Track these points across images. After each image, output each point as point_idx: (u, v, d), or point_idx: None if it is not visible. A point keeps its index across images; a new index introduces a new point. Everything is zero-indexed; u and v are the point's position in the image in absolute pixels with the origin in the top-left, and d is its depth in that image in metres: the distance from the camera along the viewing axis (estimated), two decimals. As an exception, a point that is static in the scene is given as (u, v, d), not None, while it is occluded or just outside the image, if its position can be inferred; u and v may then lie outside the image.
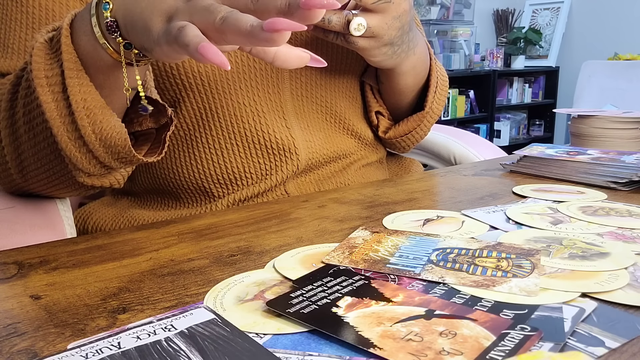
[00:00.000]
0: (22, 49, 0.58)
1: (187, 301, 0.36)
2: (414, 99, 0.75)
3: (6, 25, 0.59)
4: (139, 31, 0.42)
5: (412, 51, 0.66)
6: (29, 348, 0.30)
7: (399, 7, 0.58)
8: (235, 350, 0.29)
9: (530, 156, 0.73)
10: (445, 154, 1.03)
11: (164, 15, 0.40)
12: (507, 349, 0.28)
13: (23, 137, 0.52)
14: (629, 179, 0.63)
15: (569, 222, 0.50)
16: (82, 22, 0.46)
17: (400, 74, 0.69)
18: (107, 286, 0.38)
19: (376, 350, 0.28)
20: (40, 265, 0.43)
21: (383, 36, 0.59)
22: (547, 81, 4.45)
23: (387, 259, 0.41)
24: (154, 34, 0.41)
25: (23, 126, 0.51)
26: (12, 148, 0.54)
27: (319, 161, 0.70)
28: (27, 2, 0.58)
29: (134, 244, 0.47)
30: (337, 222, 0.52)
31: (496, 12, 4.38)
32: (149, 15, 0.41)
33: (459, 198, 0.60)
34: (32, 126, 0.50)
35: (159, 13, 0.41)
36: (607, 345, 0.29)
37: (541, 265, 0.39)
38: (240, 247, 0.46)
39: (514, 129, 4.40)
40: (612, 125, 0.96)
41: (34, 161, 0.53)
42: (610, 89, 3.09)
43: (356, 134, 0.74)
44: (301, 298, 0.34)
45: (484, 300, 0.34)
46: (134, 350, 0.29)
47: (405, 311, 0.32)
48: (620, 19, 3.99)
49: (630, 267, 0.39)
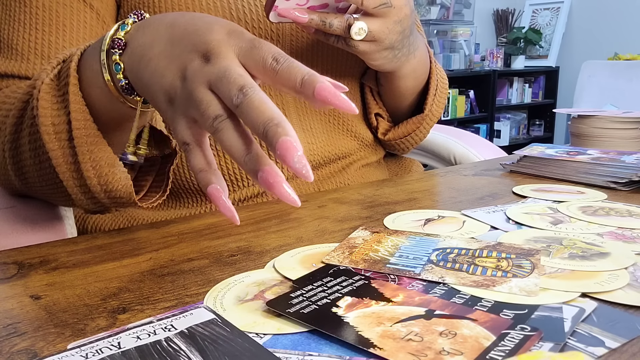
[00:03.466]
0: (26, 50, 0.58)
1: (187, 301, 0.36)
2: (413, 101, 0.75)
3: (10, 26, 0.59)
4: (149, 99, 0.42)
5: (413, 55, 0.66)
6: (29, 348, 0.30)
7: (400, 11, 0.58)
8: (235, 350, 0.29)
9: (530, 156, 0.73)
10: (445, 154, 1.03)
11: (166, 95, 0.40)
12: (507, 349, 0.28)
13: (28, 161, 0.51)
14: (629, 179, 0.63)
15: (569, 222, 0.50)
16: (92, 73, 0.45)
17: (400, 77, 0.69)
18: (107, 286, 0.38)
19: (376, 350, 0.28)
20: (40, 265, 0.43)
21: (384, 40, 0.59)
22: (547, 81, 4.46)
23: (387, 259, 0.41)
24: (162, 112, 0.41)
25: (28, 152, 0.51)
26: (17, 167, 0.53)
27: (319, 162, 0.70)
28: (30, 3, 0.58)
29: (134, 244, 0.47)
30: (337, 222, 0.52)
31: (496, 12, 4.38)
32: (153, 91, 0.40)
33: (459, 198, 0.60)
34: (37, 154, 0.50)
35: (161, 91, 0.40)
36: (607, 345, 0.29)
37: (541, 265, 0.39)
38: (240, 247, 0.46)
39: (514, 129, 4.40)
40: (612, 125, 0.96)
41: (38, 181, 0.53)
42: (610, 89, 3.09)
43: (356, 135, 0.74)
44: (301, 298, 0.34)
45: (484, 300, 0.34)
46: (134, 350, 0.29)
47: (405, 311, 0.32)
48: (620, 19, 3.99)
49: (630, 267, 0.39)
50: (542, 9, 4.37)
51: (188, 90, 0.37)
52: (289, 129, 0.33)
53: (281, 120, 0.33)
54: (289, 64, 0.36)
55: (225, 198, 0.38)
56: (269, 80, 0.37)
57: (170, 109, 0.39)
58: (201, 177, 0.38)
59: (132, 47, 0.43)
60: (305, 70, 0.36)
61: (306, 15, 0.56)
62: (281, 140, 0.33)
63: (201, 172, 0.38)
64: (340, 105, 0.35)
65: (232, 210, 0.38)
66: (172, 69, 0.39)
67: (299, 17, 0.56)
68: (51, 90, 0.47)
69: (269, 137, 0.33)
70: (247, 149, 0.35)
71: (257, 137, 0.35)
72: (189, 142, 0.38)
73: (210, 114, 0.36)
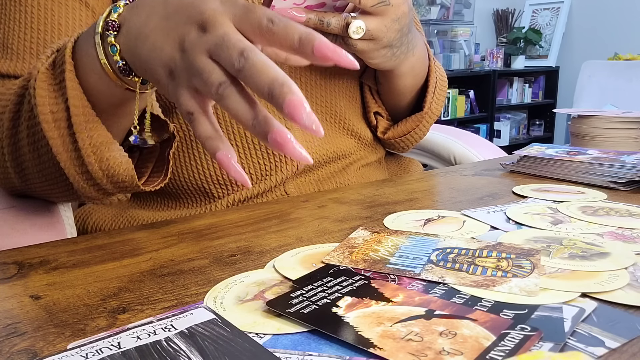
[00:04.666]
0: (21, 49, 0.58)
1: (187, 301, 0.36)
2: (413, 99, 0.75)
3: (5, 25, 0.58)
4: (148, 76, 0.42)
5: (411, 53, 0.66)
6: (29, 348, 0.30)
7: (397, 9, 0.58)
8: (235, 350, 0.29)
9: (530, 156, 0.73)
10: (445, 154, 1.03)
11: (166, 68, 0.40)
12: (507, 349, 0.28)
13: (27, 156, 0.51)
14: (629, 179, 0.63)
15: (569, 222, 0.50)
16: (88, 59, 0.45)
17: (399, 75, 0.69)
18: (107, 286, 0.38)
19: (376, 350, 0.28)
20: (40, 265, 0.43)
21: (382, 39, 0.59)
22: (547, 81, 4.45)
23: (387, 259, 0.41)
24: (163, 87, 0.41)
25: (27, 146, 0.51)
26: (15, 163, 0.53)
27: (319, 161, 0.70)
28: (26, 2, 0.58)
29: (134, 244, 0.47)
30: (337, 222, 0.52)
31: (496, 12, 4.38)
32: (153, 67, 0.40)
33: (459, 198, 0.60)
34: (37, 147, 0.50)
35: (161, 65, 0.40)
36: (607, 345, 0.29)
37: (541, 265, 0.39)
38: (240, 247, 0.46)
39: (514, 129, 4.40)
40: (612, 125, 0.96)
41: (38, 176, 0.53)
42: (610, 89, 3.09)
43: (356, 134, 0.74)
44: (301, 298, 0.34)
45: (484, 300, 0.34)
46: (134, 350, 0.29)
47: (405, 311, 0.32)
48: (620, 19, 3.99)
49: (630, 267, 0.39)
50: (542, 9, 4.37)
51: (188, 61, 0.38)
52: (294, 88, 0.33)
53: (285, 79, 0.33)
54: (285, 23, 0.36)
55: (234, 163, 0.38)
56: (266, 42, 0.37)
57: (172, 83, 0.39)
58: (209, 145, 0.38)
59: (126, 27, 0.43)
60: (302, 29, 0.36)
61: (303, 15, 0.56)
62: (288, 100, 0.33)
63: (208, 140, 0.38)
64: (340, 60, 0.35)
65: (242, 174, 0.38)
66: (170, 42, 0.39)
67: (296, 17, 0.56)
68: (47, 79, 0.47)
69: (275, 97, 0.33)
70: (254, 113, 0.35)
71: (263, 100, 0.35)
72: (193, 111, 0.38)
73: (213, 82, 0.36)
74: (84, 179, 0.49)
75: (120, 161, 0.49)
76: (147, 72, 0.42)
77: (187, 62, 0.38)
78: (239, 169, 0.38)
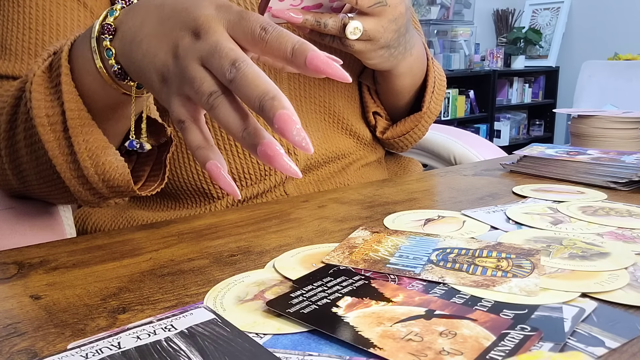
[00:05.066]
0: (19, 49, 0.58)
1: (187, 301, 0.36)
2: (411, 99, 0.75)
3: (3, 26, 0.58)
4: (142, 81, 0.42)
5: (409, 52, 0.65)
6: (29, 348, 0.30)
7: (395, 9, 0.58)
8: (235, 350, 0.29)
9: (530, 156, 0.73)
10: (445, 154, 1.03)
11: (159, 74, 0.39)
12: (507, 349, 0.28)
13: (24, 158, 0.51)
14: (629, 179, 0.63)
15: (569, 222, 0.50)
16: (84, 62, 0.45)
17: (397, 75, 0.69)
18: (107, 286, 0.38)
19: (376, 350, 0.28)
20: (40, 265, 0.43)
21: (379, 39, 0.59)
22: (547, 81, 4.46)
23: (387, 259, 0.41)
24: (156, 92, 0.41)
25: (24, 149, 0.50)
26: (13, 165, 0.53)
27: (318, 161, 0.70)
28: (24, 3, 0.58)
29: (134, 244, 0.47)
30: (337, 222, 0.52)
31: (496, 12, 4.38)
32: (147, 72, 0.40)
33: (459, 198, 0.60)
34: (33, 150, 0.50)
35: (154, 71, 0.40)
36: (607, 345, 0.29)
37: (541, 265, 0.39)
38: (240, 247, 0.46)
39: (514, 129, 4.40)
40: (612, 125, 0.96)
41: (36, 178, 0.53)
42: (610, 89, 3.09)
43: (355, 134, 0.74)
44: (301, 298, 0.34)
45: (484, 300, 0.34)
46: (134, 350, 0.29)
47: (405, 311, 0.32)
48: (620, 19, 3.99)
49: (630, 267, 0.39)
50: (542, 9, 4.37)
51: (181, 68, 0.37)
52: (285, 102, 0.33)
53: (277, 93, 0.33)
54: (279, 32, 0.36)
55: (224, 173, 0.38)
56: (259, 51, 0.37)
57: (165, 89, 0.39)
58: (199, 154, 0.38)
59: (122, 31, 0.42)
60: (295, 39, 0.35)
61: (300, 16, 0.56)
62: (279, 114, 0.32)
63: (199, 149, 0.38)
64: (333, 73, 0.34)
65: (232, 185, 0.37)
66: (163, 48, 0.39)
67: (293, 18, 0.56)
68: (43, 82, 0.46)
69: (266, 111, 0.33)
70: (244, 124, 0.35)
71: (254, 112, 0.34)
72: (185, 119, 0.38)
73: (204, 91, 0.36)
74: (80, 182, 0.49)
75: (117, 166, 0.49)
76: (141, 77, 0.42)
77: (179, 69, 0.37)
78: (229, 180, 0.38)
